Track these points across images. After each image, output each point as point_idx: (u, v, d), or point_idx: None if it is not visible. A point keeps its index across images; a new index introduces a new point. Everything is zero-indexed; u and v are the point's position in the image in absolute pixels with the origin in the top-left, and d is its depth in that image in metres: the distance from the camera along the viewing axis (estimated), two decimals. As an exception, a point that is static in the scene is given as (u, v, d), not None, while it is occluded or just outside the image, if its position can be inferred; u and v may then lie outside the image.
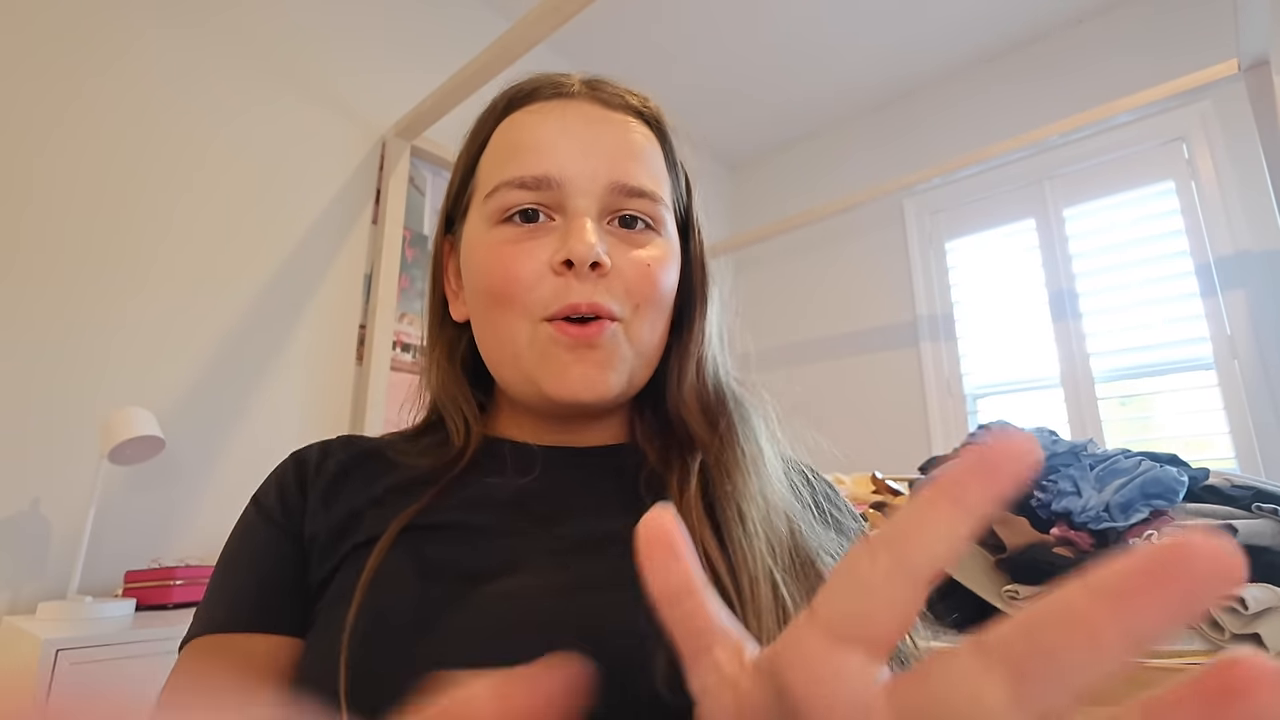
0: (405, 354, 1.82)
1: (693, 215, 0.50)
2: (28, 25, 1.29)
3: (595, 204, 0.42)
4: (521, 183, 0.42)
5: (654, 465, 0.43)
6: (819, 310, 2.83)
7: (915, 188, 2.29)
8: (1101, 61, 2.26)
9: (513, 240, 0.42)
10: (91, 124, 1.35)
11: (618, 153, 0.44)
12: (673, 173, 0.48)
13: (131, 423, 1.15)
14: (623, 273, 0.42)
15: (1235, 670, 0.12)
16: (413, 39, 2.00)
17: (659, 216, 0.45)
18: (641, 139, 0.46)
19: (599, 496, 0.43)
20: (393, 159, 1.84)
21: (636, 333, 0.43)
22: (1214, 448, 1.91)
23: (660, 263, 0.44)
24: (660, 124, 0.48)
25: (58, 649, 0.92)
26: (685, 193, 0.50)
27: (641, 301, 0.42)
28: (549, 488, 0.42)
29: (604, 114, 0.45)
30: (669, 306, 0.45)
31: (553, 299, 0.41)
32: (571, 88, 0.46)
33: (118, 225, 1.36)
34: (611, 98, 0.47)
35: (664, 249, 0.45)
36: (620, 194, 0.43)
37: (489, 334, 0.44)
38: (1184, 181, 2.07)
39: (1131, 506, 0.84)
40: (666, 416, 0.46)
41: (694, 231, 0.49)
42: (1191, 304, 1.99)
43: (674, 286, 0.45)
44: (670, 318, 0.46)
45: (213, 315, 1.47)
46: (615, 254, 0.42)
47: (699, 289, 0.48)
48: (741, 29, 2.38)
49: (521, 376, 0.42)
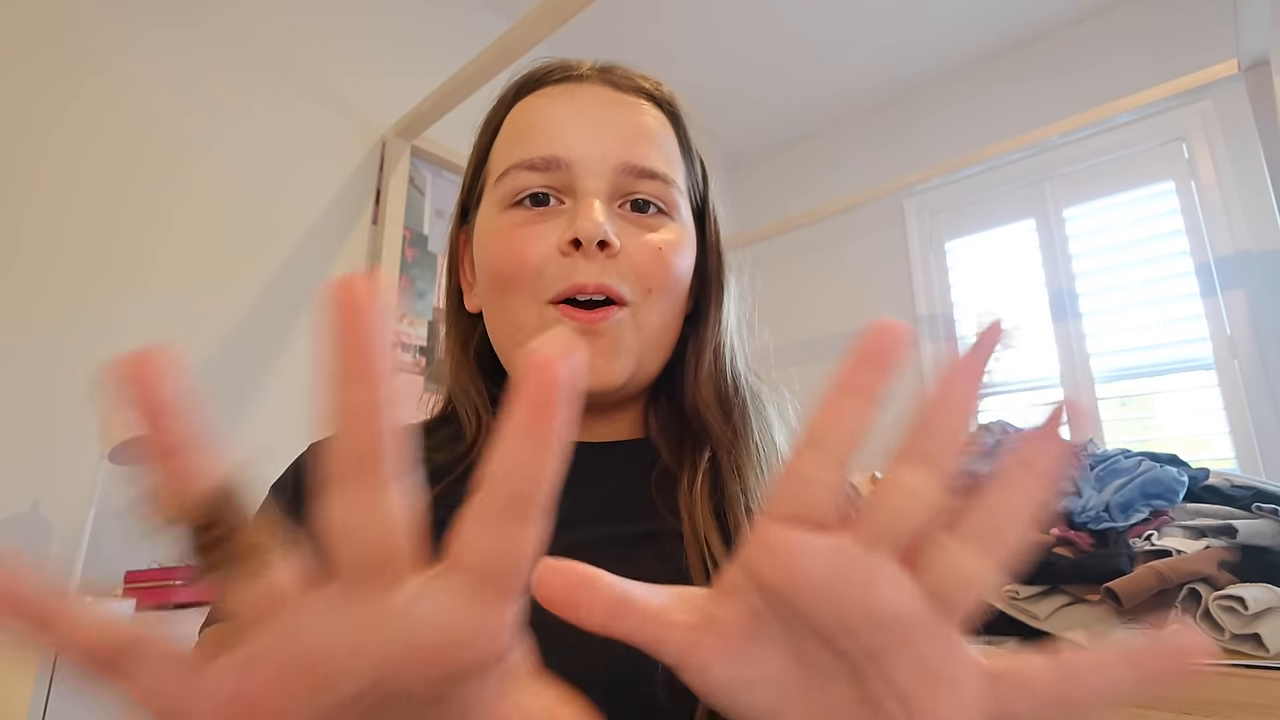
0: (405, 354, 1.82)
1: (709, 203, 0.49)
2: (27, 25, 1.29)
3: (605, 185, 0.42)
4: (530, 164, 0.42)
5: (666, 463, 0.43)
6: (819, 310, 2.83)
7: (915, 188, 2.29)
8: (1101, 61, 2.26)
9: (522, 223, 0.42)
10: (91, 124, 1.35)
11: (628, 134, 0.43)
12: (687, 158, 0.47)
13: (131, 423, 1.15)
14: (633, 256, 0.41)
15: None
16: (413, 39, 2.00)
17: (672, 200, 0.44)
18: (654, 121, 0.45)
19: (606, 498, 0.42)
20: (393, 159, 1.84)
21: (645, 319, 0.42)
22: (1214, 448, 1.91)
23: (673, 247, 0.43)
24: (674, 108, 0.48)
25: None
26: (702, 180, 0.49)
27: (653, 286, 0.42)
28: (558, 488, 0.42)
29: (615, 95, 0.45)
30: (682, 293, 0.44)
31: (559, 279, 0.40)
32: (582, 71, 0.46)
33: (118, 225, 1.36)
34: (622, 80, 0.46)
35: (677, 233, 0.44)
36: (631, 175, 0.42)
37: (498, 319, 0.43)
38: (1184, 181, 2.07)
39: (1131, 506, 0.84)
40: (682, 409, 0.45)
41: (710, 219, 0.48)
42: (1191, 304, 1.99)
43: (688, 272, 0.44)
44: (685, 305, 0.45)
45: (213, 315, 1.47)
46: (626, 237, 0.41)
47: (715, 277, 0.47)
48: (741, 29, 2.38)
49: None
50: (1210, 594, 0.73)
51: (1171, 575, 0.74)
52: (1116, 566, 0.78)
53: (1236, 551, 0.76)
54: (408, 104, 1.83)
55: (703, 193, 0.49)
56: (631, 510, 0.38)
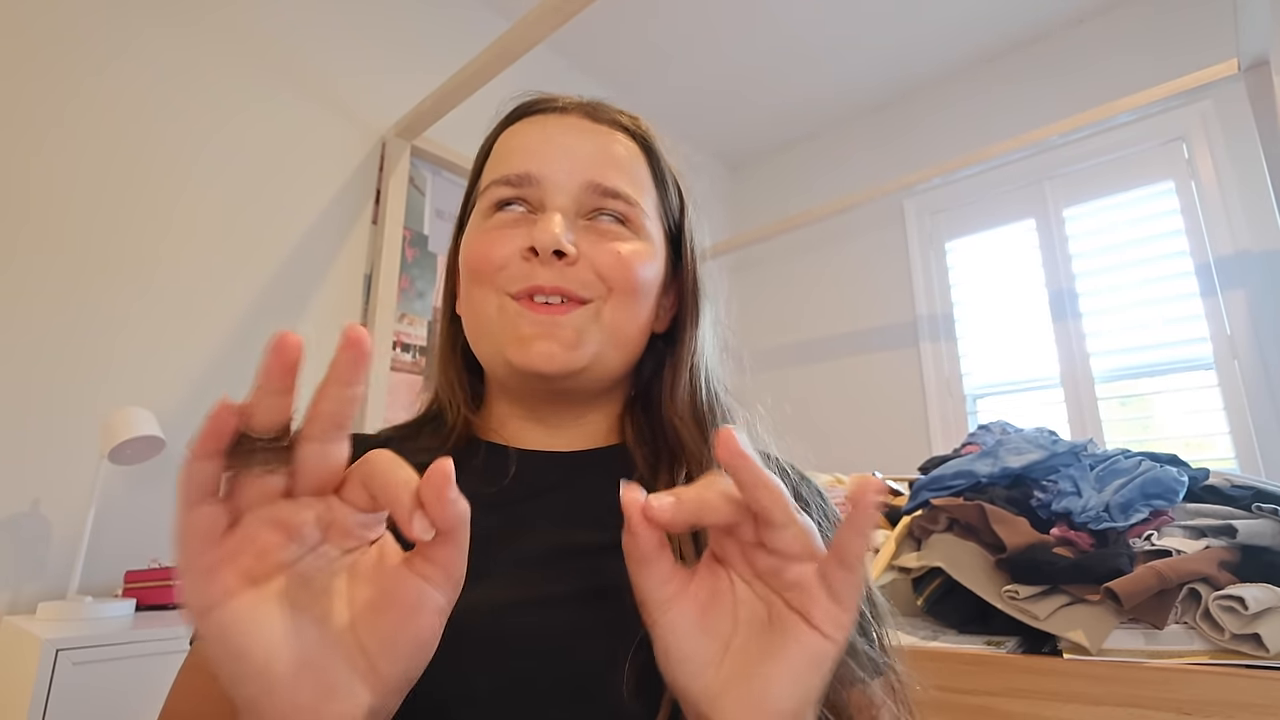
0: (405, 354, 1.82)
1: (685, 229, 0.52)
2: (27, 25, 1.29)
3: (570, 201, 0.45)
4: (506, 180, 0.46)
5: (641, 473, 0.44)
6: (819, 310, 2.83)
7: (915, 188, 2.29)
8: (1101, 61, 2.26)
9: (495, 227, 0.46)
10: (90, 123, 1.35)
11: (596, 158, 0.47)
12: (660, 187, 0.50)
13: (131, 423, 1.15)
14: (594, 260, 0.44)
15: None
16: (413, 39, 2.00)
17: (636, 219, 0.47)
18: (623, 150, 0.48)
19: (575, 506, 0.43)
20: (393, 159, 1.84)
21: (609, 316, 0.44)
22: (1214, 448, 1.91)
23: (635, 254, 0.45)
24: (648, 141, 0.51)
25: (58, 649, 0.92)
26: (679, 209, 0.52)
27: (614, 285, 0.44)
28: (525, 495, 0.44)
29: (590, 126, 0.48)
30: (646, 297, 0.46)
31: (520, 278, 0.43)
32: (564, 104, 0.50)
33: (118, 225, 1.36)
34: (600, 114, 0.50)
35: (640, 246, 0.46)
36: (596, 193, 0.45)
37: (469, 311, 0.47)
38: (1184, 181, 2.07)
39: (1131, 506, 0.84)
40: (660, 422, 0.47)
41: (686, 244, 0.51)
42: (1191, 304, 1.99)
43: (652, 281, 0.46)
44: (651, 316, 0.47)
45: (213, 315, 1.47)
46: (587, 245, 0.44)
47: (692, 299, 0.50)
48: (742, 29, 2.38)
49: (493, 348, 0.44)
50: (1210, 594, 0.73)
51: (1171, 575, 0.74)
52: (1116, 566, 0.78)
53: (1236, 551, 0.76)
54: (408, 104, 1.83)
55: (679, 220, 0.52)
56: (605, 517, 0.38)
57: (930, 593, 0.94)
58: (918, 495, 1.04)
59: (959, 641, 0.86)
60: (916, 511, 1.02)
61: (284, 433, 0.24)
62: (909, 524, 1.02)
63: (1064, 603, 0.80)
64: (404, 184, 1.86)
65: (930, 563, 0.92)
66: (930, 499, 1.00)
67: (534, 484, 0.44)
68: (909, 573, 0.98)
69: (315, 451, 0.24)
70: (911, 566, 0.96)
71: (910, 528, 1.02)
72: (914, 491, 1.07)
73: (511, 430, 0.48)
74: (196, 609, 0.23)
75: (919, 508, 1.02)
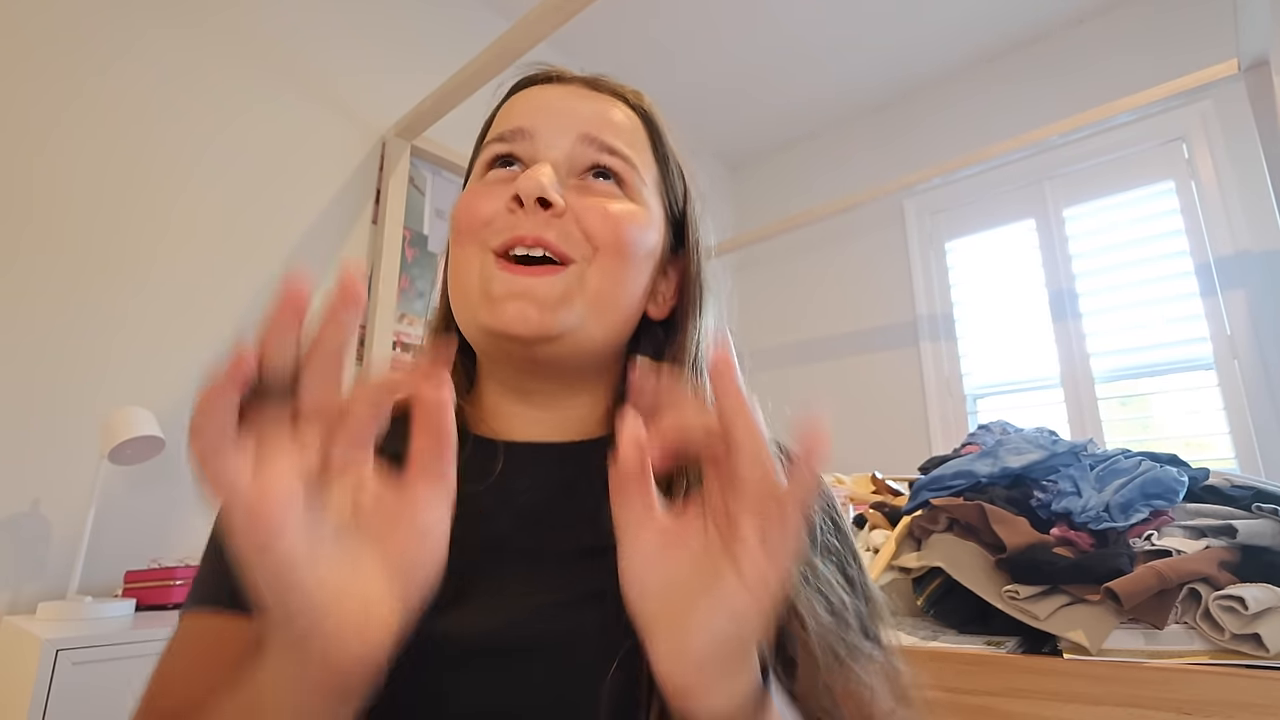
0: (405, 354, 1.81)
1: (689, 215, 0.50)
2: (27, 25, 1.29)
3: (562, 155, 0.44)
4: (500, 136, 0.45)
5: None
6: (819, 310, 2.83)
7: (915, 188, 2.29)
8: (1101, 61, 2.26)
9: (486, 183, 0.45)
10: (91, 124, 1.35)
11: (593, 118, 0.45)
12: (661, 164, 0.48)
13: (131, 423, 1.15)
14: (581, 216, 0.42)
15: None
16: (413, 39, 2.00)
17: (632, 182, 0.45)
18: (623, 116, 0.47)
19: (563, 506, 0.42)
20: (393, 159, 1.84)
21: (593, 280, 0.41)
22: (1214, 448, 1.91)
23: (627, 214, 0.43)
24: (650, 116, 0.49)
25: (58, 649, 0.92)
26: (682, 194, 0.50)
27: (600, 245, 0.42)
28: (511, 494, 0.42)
29: (590, 93, 0.48)
30: (636, 265, 0.44)
31: (503, 230, 0.41)
32: (567, 75, 0.49)
33: (118, 225, 1.36)
34: (601, 85, 0.49)
35: (635, 208, 0.44)
36: (591, 147, 0.44)
37: (452, 277, 0.45)
38: (1184, 181, 2.07)
39: (1131, 506, 0.84)
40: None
41: (690, 231, 0.49)
42: (1191, 304, 1.99)
43: (644, 248, 0.44)
44: (644, 291, 0.45)
45: (213, 315, 1.47)
46: (576, 201, 0.42)
47: (695, 288, 0.48)
48: (742, 29, 2.38)
49: (469, 313, 0.42)
50: (1210, 594, 0.73)
51: (1171, 575, 0.74)
52: (1116, 566, 0.78)
53: (1236, 551, 0.76)
54: (408, 104, 1.83)
55: (682, 206, 0.50)
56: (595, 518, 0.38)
57: (930, 593, 0.94)
58: (918, 495, 1.04)
59: (959, 641, 0.86)
60: (916, 511, 1.02)
61: (295, 368, 0.26)
62: (909, 524, 1.02)
63: (1064, 603, 0.80)
64: (404, 184, 1.86)
65: (930, 563, 0.92)
66: (930, 499, 1.00)
67: (521, 483, 0.42)
68: (909, 573, 0.98)
69: (319, 380, 0.26)
70: (912, 566, 0.96)
71: (910, 528, 1.02)
72: (914, 491, 1.07)
73: (501, 418, 0.45)
74: (252, 550, 0.23)
75: (919, 508, 1.02)
